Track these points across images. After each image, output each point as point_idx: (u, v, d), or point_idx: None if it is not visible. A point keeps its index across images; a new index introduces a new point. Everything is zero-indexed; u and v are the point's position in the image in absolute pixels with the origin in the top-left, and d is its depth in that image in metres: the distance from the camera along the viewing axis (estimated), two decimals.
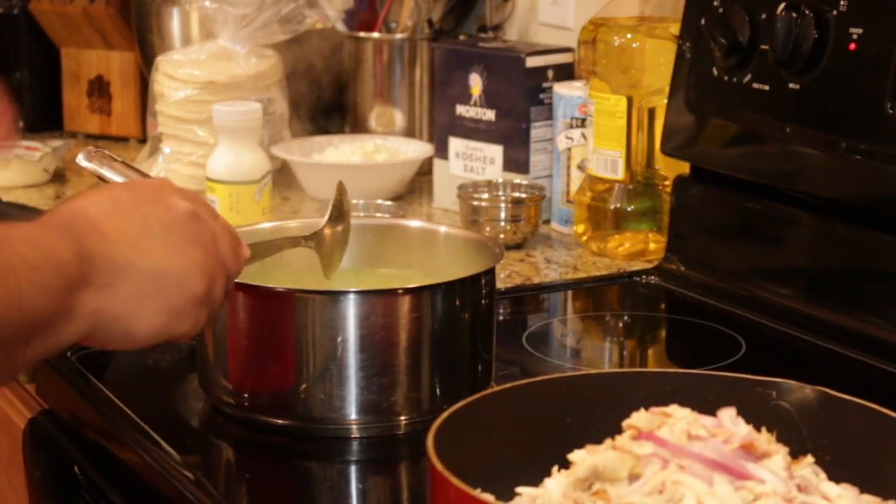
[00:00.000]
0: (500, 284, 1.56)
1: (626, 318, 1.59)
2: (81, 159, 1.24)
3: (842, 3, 1.42)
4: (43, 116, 2.41)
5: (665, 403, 0.93)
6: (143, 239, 0.96)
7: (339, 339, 1.14)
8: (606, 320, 1.59)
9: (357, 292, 1.17)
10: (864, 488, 0.88)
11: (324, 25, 2.15)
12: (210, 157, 1.79)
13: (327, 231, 1.26)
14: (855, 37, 1.41)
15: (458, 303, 1.19)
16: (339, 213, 1.27)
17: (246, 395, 1.19)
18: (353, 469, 1.17)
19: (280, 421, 1.17)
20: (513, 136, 1.85)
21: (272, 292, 1.16)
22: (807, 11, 1.44)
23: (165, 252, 0.97)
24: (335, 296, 1.16)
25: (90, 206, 0.96)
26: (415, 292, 1.17)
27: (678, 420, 0.90)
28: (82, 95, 2.39)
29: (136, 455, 1.17)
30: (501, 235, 1.75)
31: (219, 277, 1.01)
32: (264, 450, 1.18)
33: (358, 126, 2.16)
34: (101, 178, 1.25)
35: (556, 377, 1.03)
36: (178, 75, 2.03)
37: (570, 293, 1.63)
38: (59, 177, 2.12)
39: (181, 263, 0.97)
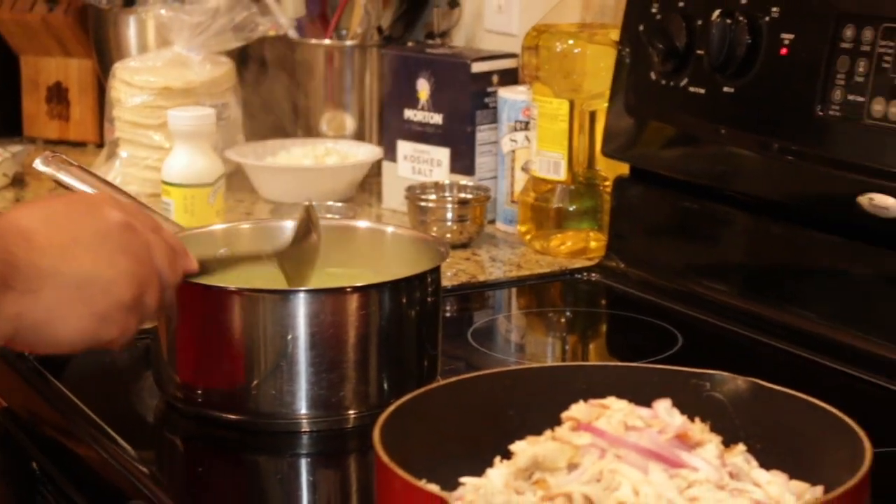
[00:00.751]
0: (446, 282, 1.57)
1: (568, 313, 1.60)
2: (39, 164, 1.24)
3: (774, 9, 1.43)
4: (2, 122, 2.39)
5: (603, 395, 0.93)
6: (72, 247, 0.96)
7: (289, 337, 1.14)
8: (549, 316, 1.59)
9: (307, 291, 1.17)
10: (794, 474, 0.89)
11: (276, 33, 2.15)
12: (165, 160, 1.79)
13: (292, 248, 1.25)
14: (786, 42, 1.42)
15: (404, 300, 1.19)
16: (306, 232, 1.26)
17: (199, 392, 1.18)
18: (303, 462, 1.17)
19: (232, 416, 1.17)
20: (459, 139, 1.85)
21: (224, 291, 1.16)
22: (740, 18, 1.45)
23: (94, 259, 0.97)
24: (285, 295, 1.16)
25: (23, 217, 0.97)
26: (363, 291, 1.17)
27: (615, 411, 0.90)
28: (41, 102, 2.37)
29: (93, 451, 1.16)
30: (448, 235, 1.75)
31: (151, 286, 1.01)
32: (217, 444, 1.18)
33: (309, 130, 2.15)
34: (59, 183, 1.25)
35: (498, 371, 1.03)
36: (134, 81, 2.02)
37: (514, 290, 1.63)
38: (18, 181, 2.11)
39: (109, 271, 0.97)
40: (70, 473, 1.22)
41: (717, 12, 1.47)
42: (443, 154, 1.86)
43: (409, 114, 1.90)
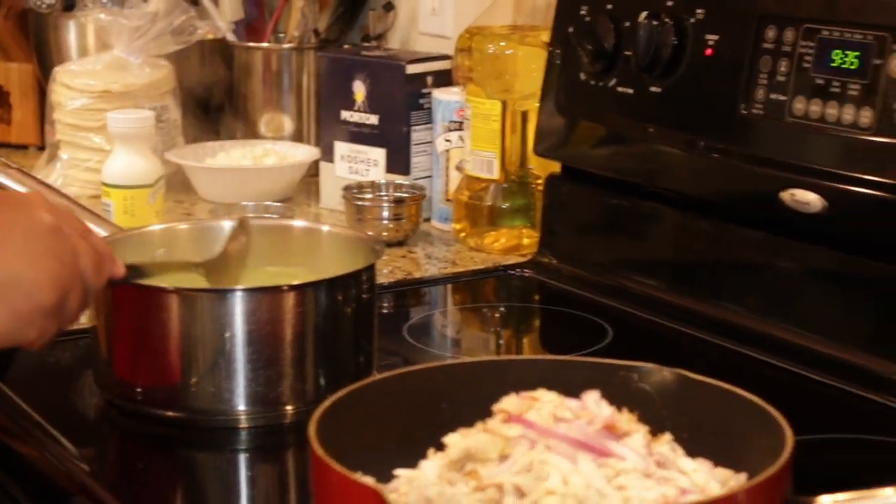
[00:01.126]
0: (382, 279, 1.57)
1: (501, 308, 1.60)
2: None
3: (698, 11, 1.44)
4: None
5: (534, 388, 0.93)
6: None
7: (227, 335, 1.14)
8: (484, 311, 1.59)
9: (244, 290, 1.16)
10: (718, 462, 0.90)
11: (215, 36, 2.14)
12: (105, 162, 1.78)
13: (220, 259, 1.24)
14: (711, 43, 1.43)
15: (340, 298, 1.19)
16: (239, 242, 1.26)
17: (138, 390, 1.17)
18: (241, 458, 1.16)
19: (171, 413, 1.16)
20: (394, 140, 1.85)
21: (162, 291, 1.15)
22: (667, 19, 1.46)
23: (18, 261, 0.96)
24: (223, 293, 1.15)
25: None
26: (299, 289, 1.17)
27: (545, 403, 0.90)
28: None
29: (34, 449, 1.15)
30: (384, 233, 1.75)
31: (74, 291, 1.00)
32: (157, 441, 1.17)
33: (248, 131, 2.15)
34: None
35: (431, 366, 1.03)
36: (74, 85, 2.01)
37: (449, 286, 1.63)
38: None
39: (33, 273, 0.96)
40: (12, 472, 1.21)
41: (643, 14, 1.48)
42: (379, 154, 1.86)
43: (345, 115, 1.90)
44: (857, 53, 1.28)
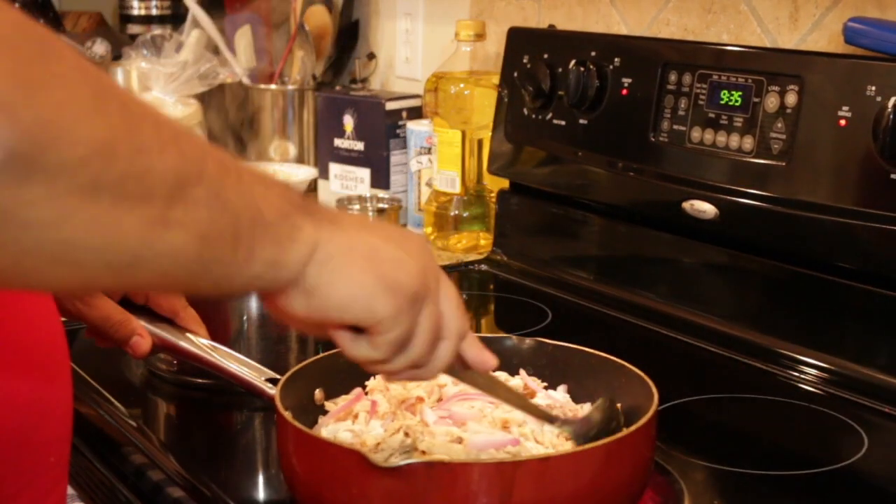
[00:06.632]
0: None
1: (464, 296, 1.57)
2: None
3: (616, 59, 1.45)
4: None
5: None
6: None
7: (244, 319, 1.14)
8: None
9: None
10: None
11: (233, 80, 2.14)
12: None
13: None
14: (626, 84, 1.44)
15: None
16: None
17: (175, 362, 1.18)
18: (256, 415, 1.15)
19: (201, 380, 1.16)
20: (377, 161, 1.86)
21: None
22: (591, 66, 1.46)
23: (390, 241, 0.71)
24: None
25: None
26: None
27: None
28: None
29: (92, 409, 1.16)
30: None
31: (431, 299, 0.71)
32: (190, 402, 1.17)
33: (261, 155, 2.15)
34: None
35: None
36: None
37: None
38: None
39: (402, 251, 0.70)
40: (76, 428, 1.21)
41: (573, 62, 1.49)
42: (364, 173, 1.87)
43: (337, 142, 1.90)
44: (740, 93, 1.30)
